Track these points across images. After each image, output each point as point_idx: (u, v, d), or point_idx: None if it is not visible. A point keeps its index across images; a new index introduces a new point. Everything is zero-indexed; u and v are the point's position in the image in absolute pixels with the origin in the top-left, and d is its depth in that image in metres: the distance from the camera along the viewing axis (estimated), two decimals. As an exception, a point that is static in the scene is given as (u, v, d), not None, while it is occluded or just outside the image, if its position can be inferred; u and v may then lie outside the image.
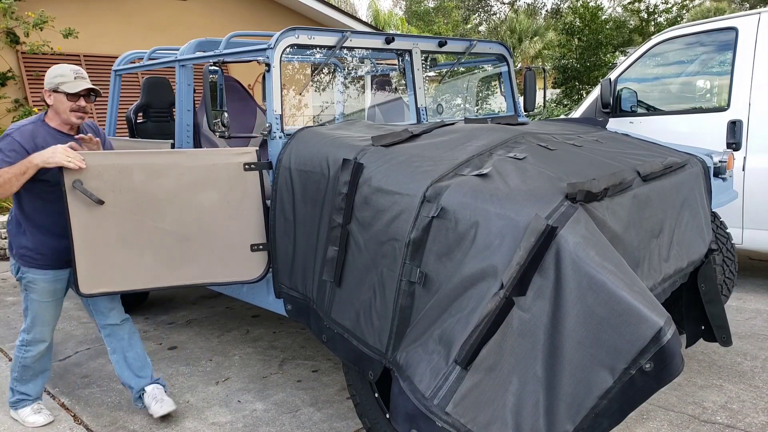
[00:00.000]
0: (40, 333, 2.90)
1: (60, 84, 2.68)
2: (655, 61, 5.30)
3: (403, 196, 2.23)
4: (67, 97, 2.68)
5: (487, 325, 1.85)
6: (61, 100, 2.69)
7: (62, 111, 2.71)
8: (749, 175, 4.39)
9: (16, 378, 2.98)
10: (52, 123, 2.75)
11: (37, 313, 2.85)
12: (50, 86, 2.70)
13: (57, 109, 2.72)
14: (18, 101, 8.00)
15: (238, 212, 2.88)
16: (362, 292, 2.34)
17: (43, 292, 2.81)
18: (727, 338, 2.97)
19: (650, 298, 1.85)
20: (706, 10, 21.73)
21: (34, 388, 3.02)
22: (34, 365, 2.96)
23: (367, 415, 2.58)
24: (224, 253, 2.88)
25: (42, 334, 2.90)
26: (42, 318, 2.86)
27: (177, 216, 2.78)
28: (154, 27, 9.21)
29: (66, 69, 2.72)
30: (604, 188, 2.14)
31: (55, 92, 2.70)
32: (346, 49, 3.44)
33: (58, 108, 2.71)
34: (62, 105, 2.70)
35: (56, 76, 2.69)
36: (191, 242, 2.83)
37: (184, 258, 2.83)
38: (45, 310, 2.85)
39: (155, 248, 2.77)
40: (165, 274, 2.81)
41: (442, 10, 26.04)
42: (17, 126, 2.70)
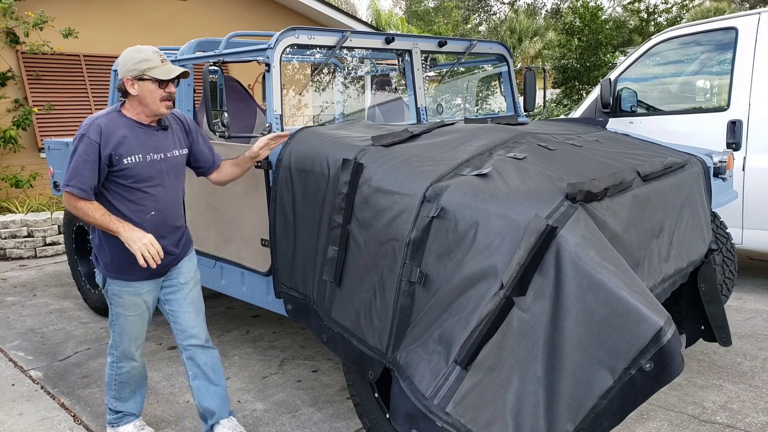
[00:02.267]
0: (128, 350, 2.63)
1: (147, 70, 2.30)
2: (655, 61, 5.30)
3: (403, 196, 2.23)
4: (158, 85, 2.33)
5: (487, 325, 1.85)
6: (150, 88, 2.32)
7: (151, 101, 2.34)
8: (749, 175, 4.39)
9: (114, 396, 2.73)
10: (129, 114, 2.39)
11: (124, 328, 2.57)
12: (134, 73, 2.30)
13: (143, 100, 2.34)
14: (18, 101, 7.99)
15: (250, 206, 3.08)
16: (362, 292, 2.34)
17: (128, 305, 2.53)
18: (727, 338, 2.97)
19: (650, 298, 1.85)
20: (706, 10, 21.73)
21: (134, 405, 2.78)
22: (131, 381, 2.71)
23: (367, 415, 2.58)
24: (247, 241, 3.16)
25: (129, 351, 2.63)
26: (128, 333, 2.59)
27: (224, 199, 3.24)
28: (154, 27, 9.21)
29: (149, 51, 2.34)
30: (604, 188, 2.14)
31: (140, 80, 2.31)
32: (346, 49, 3.44)
33: (145, 98, 2.34)
34: (151, 94, 2.33)
35: (140, 61, 2.30)
36: (232, 224, 3.25)
37: (229, 236, 3.28)
38: (130, 325, 2.57)
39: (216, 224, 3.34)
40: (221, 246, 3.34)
41: (442, 10, 26.05)
42: (90, 121, 2.33)
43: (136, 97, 2.35)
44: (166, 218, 2.49)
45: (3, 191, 7.84)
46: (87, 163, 2.27)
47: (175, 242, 2.56)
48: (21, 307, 4.95)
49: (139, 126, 2.40)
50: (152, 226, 2.41)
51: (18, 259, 6.67)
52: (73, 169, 2.29)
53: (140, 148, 2.38)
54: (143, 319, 2.60)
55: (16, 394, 3.38)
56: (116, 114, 2.38)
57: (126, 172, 2.34)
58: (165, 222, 2.48)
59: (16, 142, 7.56)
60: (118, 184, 2.36)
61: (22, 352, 3.98)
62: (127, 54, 2.33)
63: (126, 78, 2.32)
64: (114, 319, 2.58)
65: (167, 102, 2.37)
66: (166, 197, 2.48)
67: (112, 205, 2.37)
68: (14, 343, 4.16)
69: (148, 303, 2.58)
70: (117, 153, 2.31)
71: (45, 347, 4.06)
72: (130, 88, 2.33)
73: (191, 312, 2.63)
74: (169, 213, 2.49)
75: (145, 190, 2.39)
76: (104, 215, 2.31)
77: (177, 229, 2.56)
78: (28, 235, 6.75)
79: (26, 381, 3.55)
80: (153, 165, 2.41)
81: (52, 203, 7.58)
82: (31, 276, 5.94)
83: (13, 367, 3.74)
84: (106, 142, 2.30)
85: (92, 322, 4.52)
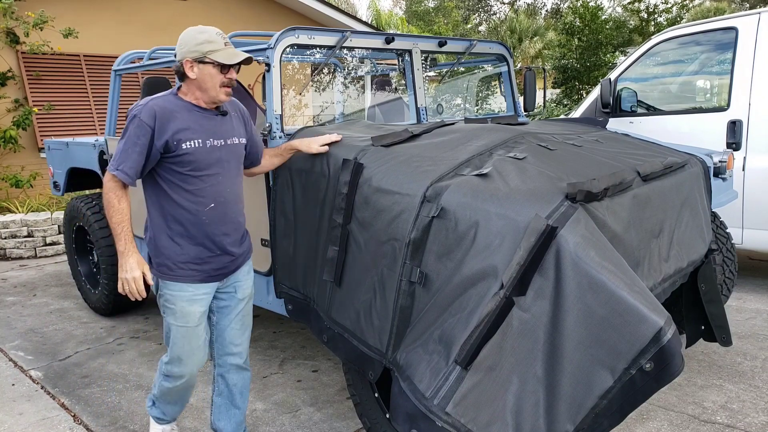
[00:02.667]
0: (178, 367, 2.37)
1: (209, 52, 2.12)
2: (655, 61, 5.30)
3: (403, 196, 2.23)
4: (219, 69, 2.15)
5: (487, 325, 1.85)
6: (211, 72, 2.14)
7: (210, 87, 2.16)
8: (749, 175, 4.39)
9: (157, 395, 2.57)
10: (186, 98, 2.22)
11: (176, 341, 2.32)
12: (194, 55, 2.12)
13: (202, 84, 2.16)
14: (18, 101, 8.00)
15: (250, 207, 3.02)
16: (362, 292, 2.34)
17: (181, 314, 2.28)
18: (727, 338, 2.97)
19: (650, 298, 1.85)
20: (706, 10, 21.72)
21: (171, 411, 2.63)
22: (175, 394, 2.53)
23: (367, 415, 2.58)
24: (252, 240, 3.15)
25: (180, 368, 2.38)
26: (180, 347, 2.33)
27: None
28: (154, 27, 9.21)
29: (212, 33, 2.15)
30: (604, 188, 2.14)
31: (200, 63, 2.13)
32: (346, 49, 3.44)
33: (204, 83, 2.16)
34: (212, 79, 2.15)
35: (202, 42, 2.12)
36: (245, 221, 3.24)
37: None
38: (182, 338, 2.31)
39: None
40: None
41: (442, 10, 26.04)
42: (144, 103, 2.16)
43: (194, 81, 2.16)
44: (227, 211, 2.29)
45: (3, 191, 7.84)
46: (137, 146, 2.10)
47: (237, 241, 2.35)
48: (21, 307, 4.95)
49: (198, 110, 2.21)
50: (212, 220, 2.23)
51: (18, 259, 6.67)
52: (122, 151, 2.11)
53: (200, 133, 2.19)
54: (198, 334, 2.33)
55: (16, 394, 3.38)
56: (172, 97, 2.21)
57: (184, 158, 2.15)
58: (226, 216, 2.28)
59: (16, 142, 7.57)
60: (175, 172, 2.17)
61: (22, 352, 3.98)
62: (188, 33, 2.15)
63: (185, 59, 2.13)
64: (167, 331, 2.35)
65: (227, 89, 2.20)
66: (227, 188, 2.28)
67: (168, 196, 2.18)
68: (14, 343, 4.16)
69: (204, 313, 2.34)
70: (175, 137, 2.13)
71: (45, 347, 4.06)
72: (189, 71, 2.14)
73: (238, 329, 2.47)
74: (230, 206, 2.30)
75: (204, 180, 2.20)
76: (121, 222, 2.12)
77: (239, 225, 2.36)
78: (28, 235, 6.75)
79: (26, 381, 3.55)
80: (213, 152, 2.22)
81: (52, 203, 7.58)
82: (31, 276, 5.94)
83: (13, 367, 3.74)
84: (161, 126, 2.11)
85: (92, 322, 4.52)
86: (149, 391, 3.36)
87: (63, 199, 7.46)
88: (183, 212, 2.19)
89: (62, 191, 5.08)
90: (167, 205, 2.19)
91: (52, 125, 8.22)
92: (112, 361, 3.81)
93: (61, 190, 5.10)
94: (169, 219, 2.20)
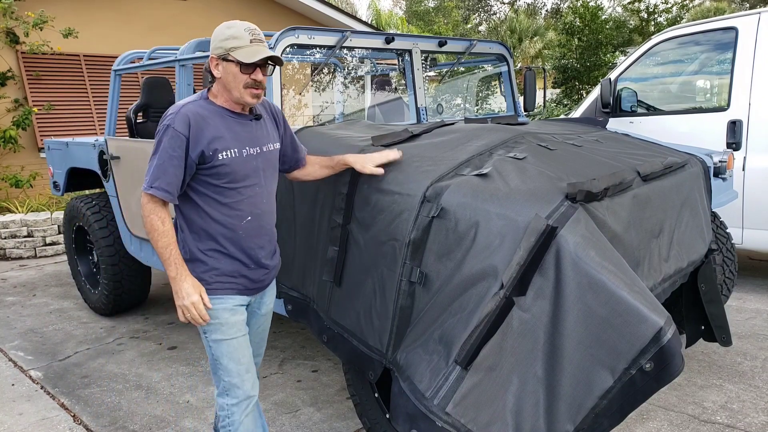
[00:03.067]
0: (240, 386, 2.09)
1: (232, 49, 1.95)
2: (655, 61, 5.30)
3: (403, 196, 2.23)
4: (240, 68, 1.96)
5: (487, 325, 1.85)
6: (233, 72, 1.96)
7: (234, 87, 1.98)
8: (749, 175, 4.39)
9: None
10: (217, 101, 2.05)
11: (230, 358, 2.07)
12: (219, 52, 1.96)
13: (227, 84, 1.99)
14: (18, 101, 8.00)
15: None
16: (362, 292, 2.34)
17: (227, 325, 2.06)
18: (727, 338, 2.97)
19: (650, 298, 1.85)
20: (706, 10, 21.72)
21: None
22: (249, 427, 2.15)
23: (367, 415, 2.58)
24: None
25: (243, 386, 2.10)
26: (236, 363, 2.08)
27: None
28: (154, 27, 9.21)
29: (240, 28, 1.97)
30: (604, 188, 2.14)
31: (224, 60, 1.97)
32: (346, 49, 3.44)
33: (228, 82, 1.98)
34: (234, 79, 1.97)
35: (227, 38, 1.96)
36: None
37: None
38: (235, 350, 2.08)
39: None
40: None
41: (442, 10, 26.04)
42: (177, 110, 1.97)
43: (220, 80, 2.01)
44: (263, 224, 2.12)
45: (3, 191, 7.84)
46: (173, 159, 1.92)
47: (271, 254, 2.19)
48: (21, 307, 4.95)
49: (231, 115, 2.04)
50: (248, 233, 2.06)
51: (18, 259, 6.67)
52: (157, 167, 1.93)
53: (235, 141, 2.02)
54: (247, 345, 2.13)
55: (16, 394, 3.38)
56: (204, 101, 2.03)
57: (220, 169, 1.98)
58: (262, 228, 2.12)
59: (16, 142, 7.57)
60: (210, 185, 1.99)
61: (22, 352, 3.98)
62: (218, 28, 2.00)
63: (211, 56, 1.99)
64: (215, 353, 2.08)
65: (253, 90, 1.99)
66: (263, 199, 2.12)
67: (203, 210, 2.01)
68: (14, 343, 4.16)
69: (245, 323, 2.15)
70: (210, 147, 1.96)
71: (45, 347, 4.06)
72: (214, 69, 1.99)
73: (257, 343, 2.35)
74: (266, 218, 2.14)
75: (241, 191, 2.03)
76: (168, 246, 1.94)
77: (273, 237, 2.20)
78: (28, 235, 6.74)
79: (26, 381, 3.55)
80: (249, 161, 2.05)
81: (52, 203, 7.59)
82: (31, 276, 5.93)
83: (13, 367, 3.74)
84: (196, 135, 1.94)
85: (92, 322, 4.52)
86: (149, 391, 3.36)
87: (63, 199, 7.46)
88: (218, 227, 2.02)
89: (62, 191, 5.08)
90: (200, 220, 2.02)
91: (52, 125, 8.22)
92: (112, 361, 3.81)
93: (60, 190, 5.10)
94: (203, 234, 2.03)
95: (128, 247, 4.27)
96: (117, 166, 4.12)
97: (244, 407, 2.11)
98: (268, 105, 2.25)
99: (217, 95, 2.04)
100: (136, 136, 4.54)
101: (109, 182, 4.29)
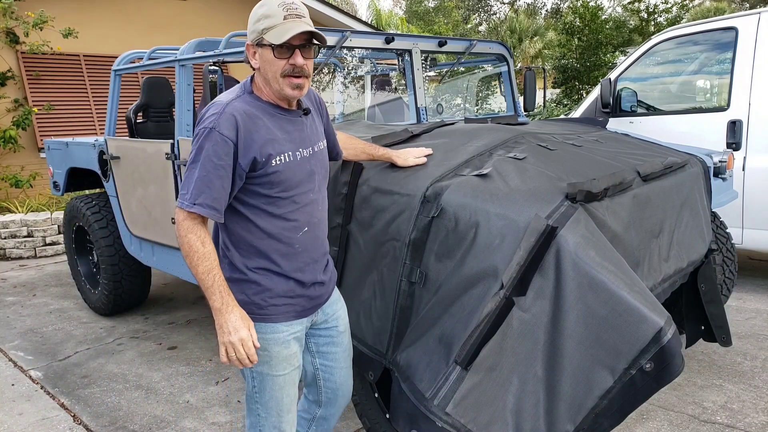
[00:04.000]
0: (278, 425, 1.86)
1: (264, 31, 1.63)
2: (655, 61, 5.30)
3: (403, 196, 2.23)
4: (274, 52, 1.63)
5: (487, 325, 1.85)
6: (269, 58, 1.65)
7: (272, 77, 1.67)
8: (749, 175, 4.39)
9: None
10: (263, 96, 1.73)
11: (273, 395, 1.82)
12: (253, 36, 1.66)
13: (265, 74, 1.68)
14: (18, 101, 8.00)
15: None
16: (362, 292, 2.34)
17: (276, 360, 1.80)
18: (727, 338, 2.97)
19: (650, 298, 1.85)
20: (706, 10, 21.73)
21: None
22: None
23: (367, 415, 2.58)
24: None
25: (281, 426, 1.86)
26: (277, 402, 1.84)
27: None
28: (154, 27, 9.21)
29: (273, 4, 1.64)
30: (604, 188, 2.14)
31: (259, 46, 1.66)
32: (346, 49, 3.44)
33: (265, 72, 1.68)
34: (271, 67, 1.65)
35: (259, 18, 1.64)
36: None
37: None
38: (280, 390, 1.83)
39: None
40: None
41: (442, 10, 26.05)
42: (220, 109, 1.64)
43: (259, 71, 1.70)
44: (318, 234, 1.85)
45: (3, 191, 7.84)
46: (219, 170, 1.61)
47: (324, 266, 1.92)
48: (21, 307, 4.95)
49: (280, 112, 1.73)
50: (305, 247, 1.79)
51: (18, 259, 6.67)
52: (200, 179, 1.61)
53: (288, 143, 1.72)
54: (295, 382, 1.87)
55: (16, 394, 3.38)
56: (249, 96, 1.71)
57: (273, 177, 1.68)
58: (317, 239, 1.84)
59: (16, 142, 7.57)
60: (260, 195, 1.70)
61: (21, 352, 3.98)
62: (252, 11, 1.69)
63: (248, 44, 1.69)
64: (257, 385, 1.82)
65: (292, 79, 1.66)
66: (318, 206, 1.84)
67: (253, 224, 1.72)
68: (14, 343, 4.16)
69: (298, 355, 1.86)
70: (264, 152, 1.66)
71: (45, 347, 4.06)
72: (252, 59, 1.69)
73: (347, 368, 2.07)
74: (321, 228, 1.86)
75: (296, 199, 1.74)
76: (211, 271, 1.63)
77: (326, 248, 1.93)
78: (28, 235, 6.75)
79: (26, 381, 3.55)
80: (303, 164, 1.76)
81: (51, 203, 7.59)
82: (31, 276, 5.93)
83: (13, 367, 3.74)
84: (246, 138, 1.63)
85: (92, 322, 4.52)
86: (149, 391, 3.36)
87: (63, 199, 7.47)
88: (272, 242, 1.73)
89: (62, 191, 5.08)
90: (249, 236, 1.72)
91: (52, 125, 8.22)
92: (112, 361, 3.81)
93: (60, 190, 5.10)
94: (252, 251, 1.74)
95: (128, 247, 4.28)
96: (117, 166, 4.12)
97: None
98: (313, 95, 1.94)
99: (262, 89, 1.72)
100: (136, 136, 4.54)
101: (109, 182, 4.29)
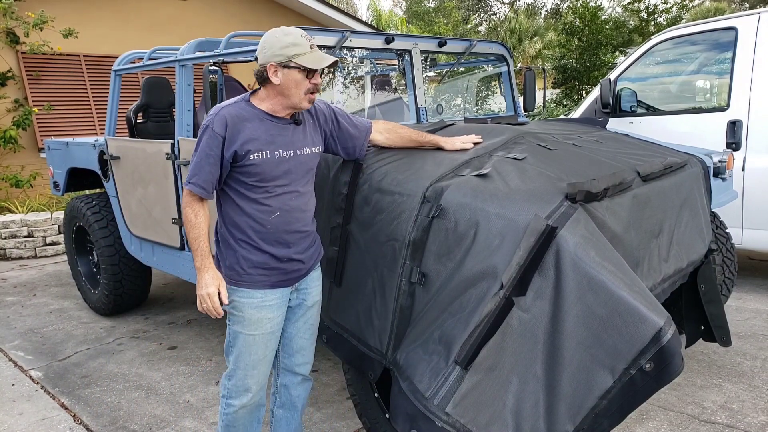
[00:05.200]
0: (243, 378, 2.21)
1: (295, 56, 1.98)
2: (655, 61, 5.30)
3: (403, 196, 2.23)
4: (305, 75, 2.01)
5: (487, 325, 1.85)
6: (296, 78, 2.00)
7: (294, 93, 2.03)
8: (749, 175, 4.39)
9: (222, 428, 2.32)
10: (261, 104, 2.09)
11: (241, 351, 2.19)
12: (279, 59, 1.98)
13: (286, 90, 2.03)
14: (18, 101, 8.00)
15: None
16: (362, 292, 2.35)
17: (249, 321, 2.16)
18: (727, 338, 2.97)
19: (650, 298, 1.85)
20: (706, 10, 21.72)
21: None
22: (237, 424, 2.28)
23: (367, 415, 2.58)
24: None
25: (245, 379, 2.22)
26: (245, 358, 2.19)
27: None
28: (154, 27, 9.21)
29: (298, 35, 2.01)
30: (604, 188, 2.14)
31: (285, 67, 1.99)
32: (346, 49, 3.44)
33: (289, 89, 2.03)
34: (297, 85, 2.02)
35: (288, 45, 1.98)
36: None
37: None
38: (249, 347, 2.18)
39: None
40: None
41: (442, 10, 26.04)
42: (216, 111, 2.06)
43: (277, 86, 2.03)
44: (291, 221, 2.17)
45: (3, 191, 7.84)
46: (209, 158, 2.04)
47: (303, 249, 2.23)
48: (21, 307, 4.95)
49: (270, 119, 2.10)
50: (275, 228, 2.14)
51: (18, 259, 6.67)
52: (195, 164, 2.07)
53: (269, 144, 2.09)
54: (267, 344, 2.21)
55: (16, 394, 3.38)
56: (245, 104, 2.09)
57: (250, 169, 2.06)
58: (289, 225, 2.17)
59: (16, 142, 7.57)
60: (241, 182, 2.10)
61: (22, 352, 3.98)
62: (273, 35, 2.01)
63: (270, 64, 1.99)
64: (231, 340, 2.21)
65: (312, 95, 2.06)
66: (292, 198, 2.18)
67: (233, 203, 2.13)
68: (14, 343, 4.16)
69: (275, 321, 2.20)
70: (244, 148, 2.05)
71: (45, 347, 4.06)
72: (272, 76, 2.00)
73: (308, 339, 2.38)
74: (294, 215, 2.18)
75: (270, 190, 2.11)
76: (198, 238, 2.09)
77: (305, 235, 2.22)
78: (28, 235, 6.75)
79: (26, 381, 3.55)
80: (281, 163, 2.11)
81: (52, 203, 7.59)
82: (31, 276, 5.94)
83: (13, 367, 3.74)
84: (231, 135, 2.04)
85: (92, 322, 4.52)
86: (149, 391, 3.36)
87: (63, 199, 7.46)
88: (248, 220, 2.12)
89: (62, 191, 5.08)
90: (232, 212, 2.14)
91: (52, 125, 8.23)
92: (112, 361, 3.81)
93: (61, 190, 5.10)
94: (234, 225, 2.14)
95: (128, 247, 4.28)
96: (117, 166, 4.12)
97: (242, 398, 2.24)
98: (318, 108, 2.29)
99: (265, 99, 2.09)
100: (136, 136, 4.55)
101: (109, 182, 4.29)
